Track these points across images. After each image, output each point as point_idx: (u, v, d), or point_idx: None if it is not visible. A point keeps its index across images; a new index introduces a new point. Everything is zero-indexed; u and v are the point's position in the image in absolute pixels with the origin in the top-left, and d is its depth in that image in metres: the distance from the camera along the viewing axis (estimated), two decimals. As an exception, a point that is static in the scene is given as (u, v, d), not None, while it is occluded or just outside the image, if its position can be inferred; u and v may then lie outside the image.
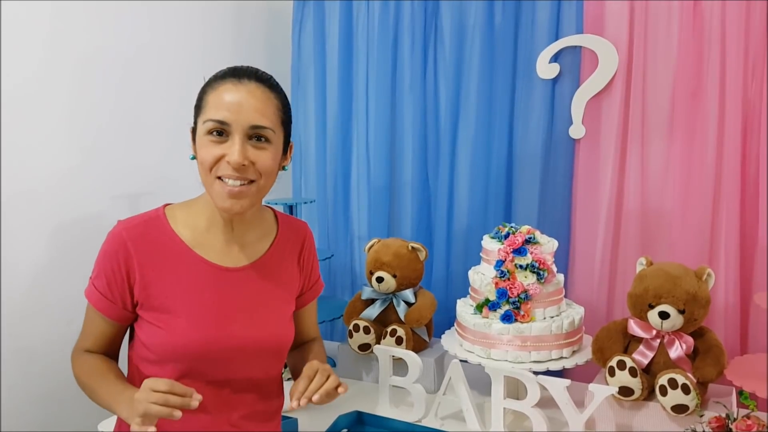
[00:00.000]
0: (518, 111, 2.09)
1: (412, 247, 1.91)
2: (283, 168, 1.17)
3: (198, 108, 1.11)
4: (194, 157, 1.12)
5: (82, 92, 1.82)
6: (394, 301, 1.91)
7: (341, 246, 2.41)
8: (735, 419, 1.33)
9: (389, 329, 1.85)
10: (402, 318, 1.88)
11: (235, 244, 1.16)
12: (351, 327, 1.89)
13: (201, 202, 1.16)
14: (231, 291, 1.14)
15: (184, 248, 1.12)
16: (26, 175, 1.70)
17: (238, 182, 1.07)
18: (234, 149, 1.05)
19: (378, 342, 1.86)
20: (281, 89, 1.14)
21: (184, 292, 1.10)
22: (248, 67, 1.12)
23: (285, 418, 1.61)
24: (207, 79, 1.12)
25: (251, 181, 1.08)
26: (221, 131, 1.06)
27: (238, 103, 1.06)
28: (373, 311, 1.92)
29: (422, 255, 1.92)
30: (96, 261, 1.13)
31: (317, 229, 2.46)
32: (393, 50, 2.25)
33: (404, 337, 1.82)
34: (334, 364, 2.03)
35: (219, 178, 1.07)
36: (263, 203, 1.24)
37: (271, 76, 1.13)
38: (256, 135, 1.07)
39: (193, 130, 1.12)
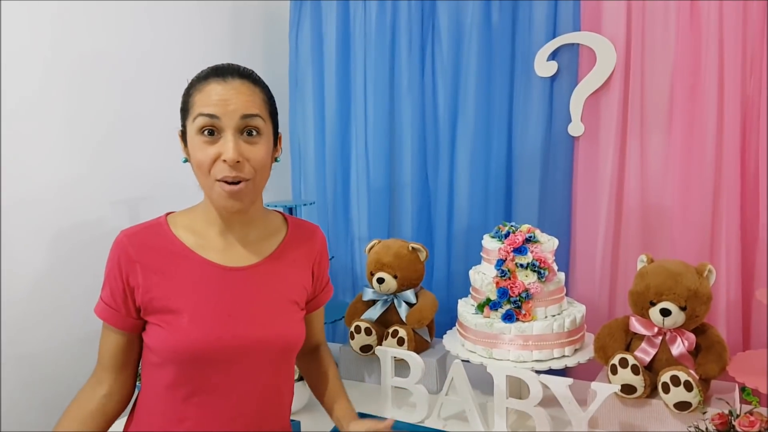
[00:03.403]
0: (517, 109, 2.08)
1: (413, 248, 1.91)
2: (276, 160, 1.18)
3: (185, 111, 1.12)
4: (186, 160, 1.14)
5: (81, 97, 1.82)
6: (396, 301, 1.91)
7: (341, 247, 2.41)
8: (738, 416, 1.33)
9: (391, 330, 1.85)
10: (403, 319, 1.88)
11: (237, 245, 1.17)
12: (352, 328, 1.89)
13: (201, 207, 1.18)
14: (235, 290, 1.13)
15: (185, 250, 1.13)
16: (26, 182, 1.70)
17: (236, 184, 1.09)
18: (228, 146, 1.06)
19: (380, 343, 1.86)
20: (264, 83, 1.15)
21: (186, 291, 1.11)
22: (229, 64, 1.13)
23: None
24: (189, 81, 1.13)
25: (247, 180, 1.10)
26: (212, 129, 1.07)
27: (226, 99, 1.07)
28: (375, 312, 1.92)
29: (423, 255, 1.92)
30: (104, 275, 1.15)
31: (317, 231, 2.46)
32: (390, 50, 2.24)
33: (406, 338, 1.82)
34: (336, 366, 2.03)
35: (217, 180, 1.08)
36: (271, 207, 1.24)
37: (253, 71, 1.14)
38: (247, 127, 1.08)
39: (182, 134, 1.14)
